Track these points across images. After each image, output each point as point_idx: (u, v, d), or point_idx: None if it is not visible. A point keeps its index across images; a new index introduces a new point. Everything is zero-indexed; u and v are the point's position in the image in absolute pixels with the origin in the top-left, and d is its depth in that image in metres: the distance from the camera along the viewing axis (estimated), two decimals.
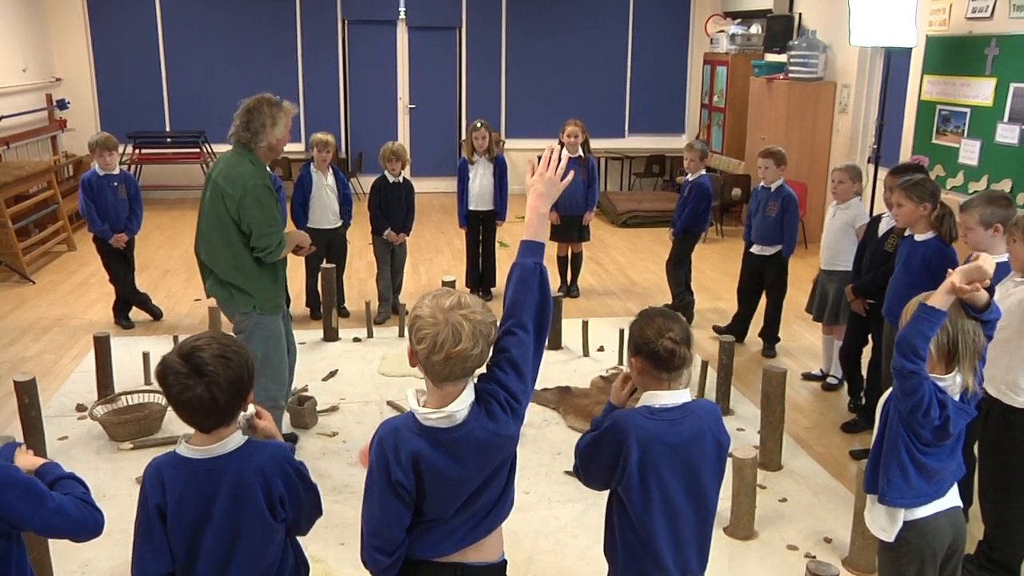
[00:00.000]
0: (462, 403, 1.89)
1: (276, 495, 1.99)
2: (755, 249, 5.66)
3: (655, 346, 2.12)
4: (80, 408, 4.66)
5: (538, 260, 2.04)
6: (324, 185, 6.05)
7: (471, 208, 6.60)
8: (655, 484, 2.14)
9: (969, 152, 6.44)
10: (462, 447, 1.89)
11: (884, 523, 2.53)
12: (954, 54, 6.59)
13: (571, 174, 2.18)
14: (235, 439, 2.00)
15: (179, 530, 1.96)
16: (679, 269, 6.21)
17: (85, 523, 2.02)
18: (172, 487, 1.95)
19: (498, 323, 1.96)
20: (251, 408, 2.10)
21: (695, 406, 2.21)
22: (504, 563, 2.13)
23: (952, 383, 2.41)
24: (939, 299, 2.32)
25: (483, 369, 1.96)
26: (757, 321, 5.81)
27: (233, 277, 3.66)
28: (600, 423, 2.26)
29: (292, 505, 2.04)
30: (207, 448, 1.97)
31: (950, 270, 2.35)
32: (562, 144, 6.63)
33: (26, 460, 2.13)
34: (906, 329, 2.35)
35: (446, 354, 1.83)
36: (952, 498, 2.54)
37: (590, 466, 2.25)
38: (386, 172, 6.14)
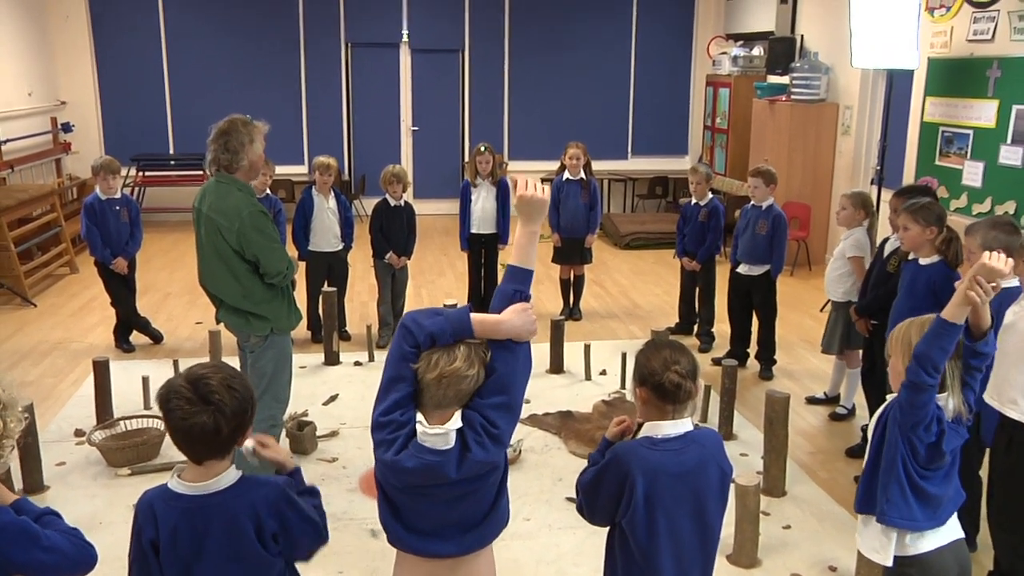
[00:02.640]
0: (453, 424, 1.90)
1: (268, 532, 1.96)
2: (742, 269, 5.63)
3: (660, 379, 2.10)
4: (79, 433, 4.63)
5: (520, 288, 2.02)
6: (325, 208, 6.05)
7: (473, 231, 6.59)
8: (661, 515, 2.11)
9: (972, 174, 6.42)
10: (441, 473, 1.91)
11: (877, 544, 2.48)
12: (956, 76, 6.58)
13: (544, 188, 2.13)
14: (229, 476, 1.96)
15: (172, 565, 1.93)
16: (712, 298, 6.18)
17: (80, 559, 1.96)
18: (164, 522, 1.92)
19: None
20: (249, 442, 2.04)
21: (697, 435, 2.19)
22: None
23: (945, 404, 2.40)
24: (953, 312, 2.30)
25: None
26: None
27: (246, 305, 3.63)
28: (597, 459, 2.23)
29: (287, 541, 2.00)
30: (200, 484, 1.93)
31: (957, 283, 2.32)
32: (563, 167, 6.64)
33: None
34: (924, 344, 2.33)
35: (440, 372, 1.85)
36: (954, 529, 2.49)
37: (595, 503, 2.22)
38: (387, 195, 6.14)
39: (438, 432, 1.87)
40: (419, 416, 1.91)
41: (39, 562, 1.89)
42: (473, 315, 1.95)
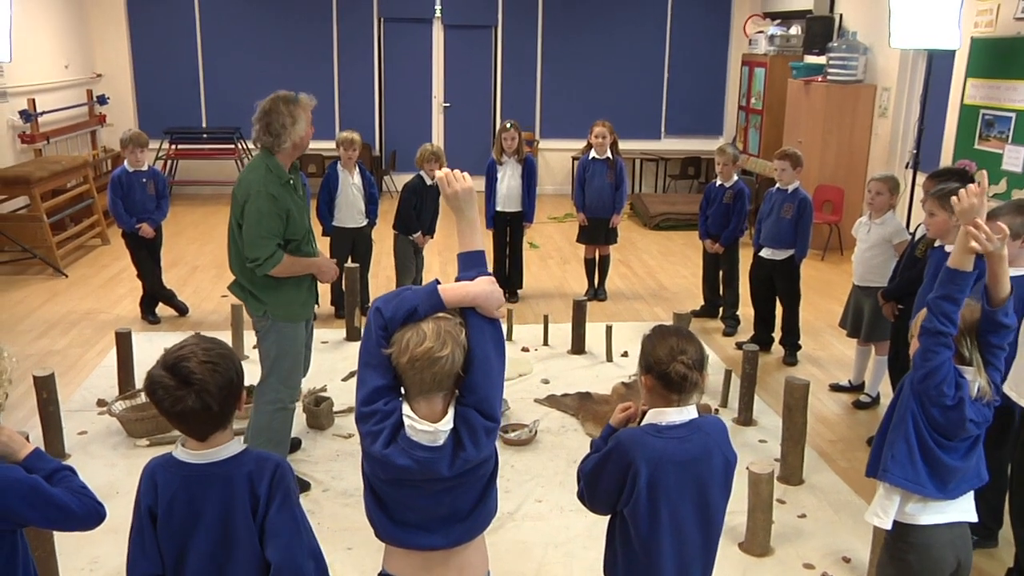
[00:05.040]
0: (445, 425, 1.84)
1: (260, 508, 1.94)
2: (765, 253, 5.54)
3: (666, 368, 2.06)
4: (101, 403, 4.69)
5: (479, 270, 1.97)
6: (350, 184, 6.03)
7: (498, 209, 6.55)
8: (664, 504, 2.08)
9: (1013, 158, 6.23)
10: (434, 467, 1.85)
11: (879, 508, 2.44)
12: (1000, 56, 6.38)
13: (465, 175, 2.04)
14: (232, 446, 1.96)
15: (168, 533, 1.94)
16: (736, 281, 6.11)
17: (87, 517, 2.04)
18: (164, 490, 1.93)
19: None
20: None
21: (702, 422, 2.15)
22: None
23: (973, 378, 2.34)
24: (956, 259, 2.27)
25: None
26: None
27: (245, 282, 3.62)
28: (601, 446, 2.19)
29: (272, 529, 1.93)
30: (202, 453, 1.94)
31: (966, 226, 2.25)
32: (590, 146, 6.56)
33: (14, 439, 2.10)
34: (936, 292, 2.30)
35: (411, 355, 1.80)
36: (963, 511, 2.42)
37: (596, 490, 2.19)
38: (423, 173, 6.07)
39: (427, 429, 1.83)
40: (406, 409, 1.86)
41: (47, 518, 2.01)
42: (441, 285, 1.90)
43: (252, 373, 3.90)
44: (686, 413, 2.12)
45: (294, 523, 1.95)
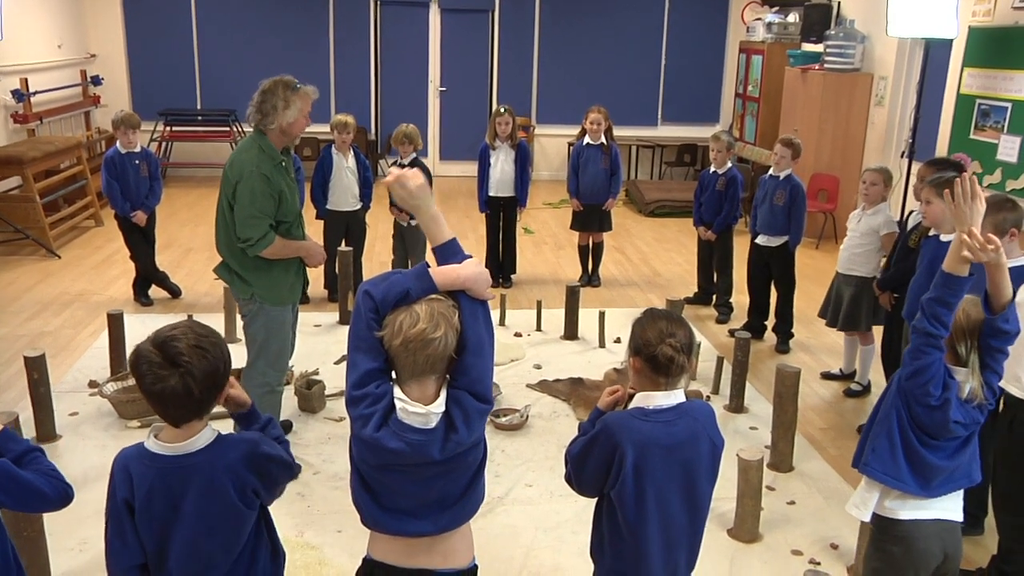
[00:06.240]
0: (437, 407, 1.84)
1: (249, 489, 1.95)
2: (760, 240, 5.56)
3: (654, 350, 2.06)
4: (92, 384, 4.69)
5: (461, 256, 1.95)
6: (344, 167, 6.01)
7: (491, 194, 6.54)
8: (650, 487, 2.08)
9: (1008, 148, 6.23)
10: (426, 452, 1.85)
11: (859, 499, 2.45)
12: (998, 46, 6.36)
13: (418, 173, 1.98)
14: (205, 436, 1.94)
15: (148, 525, 1.92)
16: (729, 269, 6.11)
17: (58, 499, 2.04)
18: (140, 483, 1.90)
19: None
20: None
21: (689, 407, 2.15)
22: (475, 568, 2.06)
23: (964, 379, 2.34)
24: (950, 263, 2.23)
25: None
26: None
27: (232, 263, 3.61)
28: (588, 428, 2.19)
29: (267, 491, 2.01)
30: (177, 445, 1.91)
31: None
32: (584, 131, 6.54)
33: None
34: (929, 293, 2.28)
35: (404, 337, 1.79)
36: (948, 510, 2.42)
37: (583, 473, 2.19)
38: (400, 155, 6.04)
39: (419, 411, 1.82)
40: (398, 392, 1.85)
41: (18, 500, 2.00)
42: (431, 268, 1.89)
43: (242, 357, 3.92)
44: (673, 397, 2.12)
45: (285, 470, 2.03)
